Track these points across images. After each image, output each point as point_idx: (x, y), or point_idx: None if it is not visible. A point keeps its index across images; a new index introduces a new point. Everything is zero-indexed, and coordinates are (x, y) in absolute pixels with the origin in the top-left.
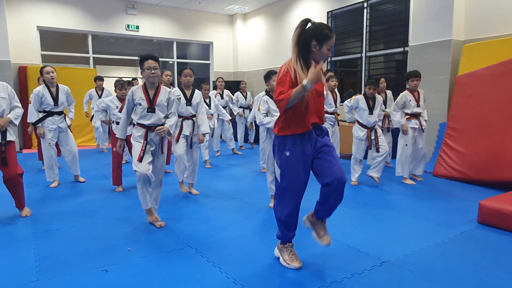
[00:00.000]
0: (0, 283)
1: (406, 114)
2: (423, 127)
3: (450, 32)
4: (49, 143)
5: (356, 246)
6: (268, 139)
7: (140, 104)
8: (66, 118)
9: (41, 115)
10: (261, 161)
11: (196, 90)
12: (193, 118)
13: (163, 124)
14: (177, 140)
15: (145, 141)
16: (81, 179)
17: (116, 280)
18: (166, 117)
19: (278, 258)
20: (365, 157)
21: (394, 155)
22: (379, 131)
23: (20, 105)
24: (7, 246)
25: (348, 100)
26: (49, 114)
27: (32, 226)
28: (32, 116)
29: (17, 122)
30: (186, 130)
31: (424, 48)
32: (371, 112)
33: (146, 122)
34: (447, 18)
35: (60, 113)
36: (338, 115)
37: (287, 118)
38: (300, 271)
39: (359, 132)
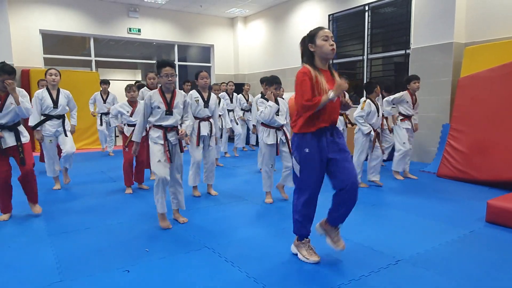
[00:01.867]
0: (24, 284)
1: (401, 114)
2: (413, 128)
3: (452, 35)
4: (50, 140)
5: (370, 245)
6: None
7: (158, 107)
8: (66, 122)
9: (41, 118)
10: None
11: (212, 93)
12: (210, 120)
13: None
14: (198, 144)
15: (166, 141)
16: (67, 179)
17: (139, 281)
18: (182, 118)
19: (296, 255)
20: (365, 159)
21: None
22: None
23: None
24: (25, 247)
25: (360, 110)
26: (48, 117)
27: (47, 227)
28: (33, 119)
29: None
30: (204, 131)
31: (425, 51)
32: (378, 114)
33: (164, 123)
34: (448, 21)
35: (59, 116)
36: (347, 115)
37: (306, 117)
38: (319, 269)
39: (368, 131)
